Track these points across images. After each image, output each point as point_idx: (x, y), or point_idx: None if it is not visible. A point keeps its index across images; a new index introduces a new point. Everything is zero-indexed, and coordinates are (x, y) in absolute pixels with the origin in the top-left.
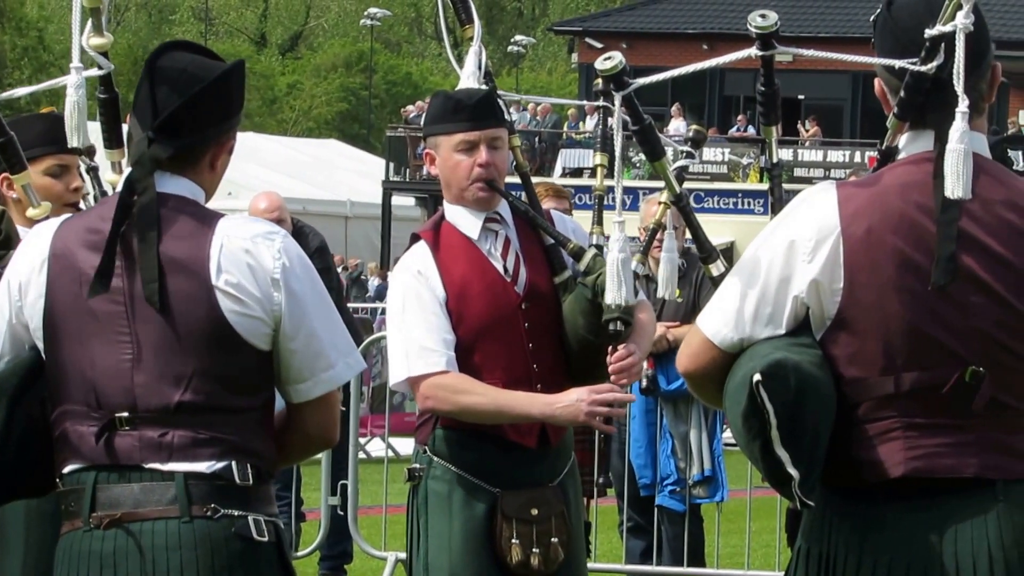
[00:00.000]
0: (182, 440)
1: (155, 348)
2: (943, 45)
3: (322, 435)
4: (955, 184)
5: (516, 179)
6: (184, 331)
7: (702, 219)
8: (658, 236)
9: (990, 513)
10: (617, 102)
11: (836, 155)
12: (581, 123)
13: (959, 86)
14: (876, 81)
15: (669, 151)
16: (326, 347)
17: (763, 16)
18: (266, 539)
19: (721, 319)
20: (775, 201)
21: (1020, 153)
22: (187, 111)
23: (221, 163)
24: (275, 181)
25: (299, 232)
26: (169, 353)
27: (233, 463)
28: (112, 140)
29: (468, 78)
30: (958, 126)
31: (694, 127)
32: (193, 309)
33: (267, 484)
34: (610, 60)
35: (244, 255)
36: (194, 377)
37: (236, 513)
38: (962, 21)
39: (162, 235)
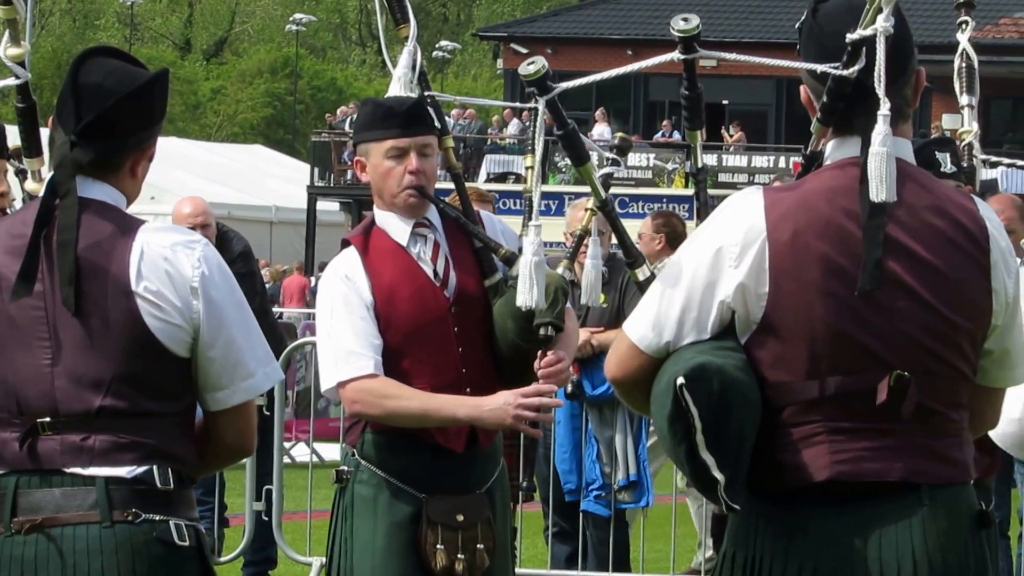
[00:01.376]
0: (103, 444)
1: (75, 353)
2: (865, 49)
3: (239, 444)
4: (879, 187)
5: (447, 184)
6: (104, 336)
7: (627, 224)
8: (585, 242)
9: (915, 518)
10: (540, 106)
11: (760, 160)
12: (504, 129)
13: (880, 90)
14: (802, 87)
15: (594, 156)
16: (245, 356)
17: (685, 20)
18: (187, 543)
19: (647, 325)
20: (700, 206)
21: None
22: (109, 117)
23: (142, 169)
24: (200, 186)
25: (223, 237)
26: (89, 358)
27: (154, 467)
28: (31, 148)
29: (400, 79)
30: (880, 129)
31: (620, 135)
32: (113, 314)
33: (188, 489)
34: (533, 64)
35: (163, 263)
36: (114, 382)
37: (157, 518)
38: (882, 25)
39: (82, 240)
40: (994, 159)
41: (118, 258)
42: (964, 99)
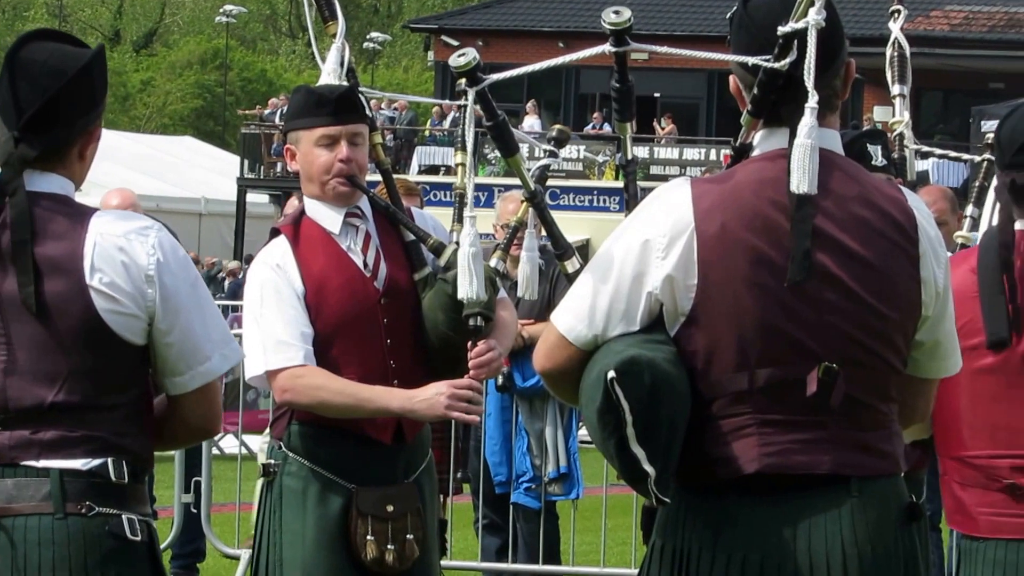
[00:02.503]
0: (53, 437)
1: (28, 349)
2: (796, 42)
3: (203, 426)
4: (801, 179)
5: (376, 176)
6: (58, 332)
7: (558, 216)
8: (519, 233)
9: (844, 510)
10: (470, 98)
11: (692, 153)
12: (444, 121)
13: (809, 82)
14: (731, 78)
15: (525, 148)
16: (201, 340)
17: (616, 13)
18: (139, 538)
19: (576, 316)
20: (629, 198)
21: (879, 148)
22: (52, 108)
23: (90, 152)
24: (129, 178)
25: None
26: (43, 354)
27: (109, 460)
28: None
29: (330, 75)
30: (806, 121)
31: (557, 127)
32: (68, 309)
33: (142, 483)
34: (464, 56)
35: (118, 253)
36: (68, 377)
37: (110, 511)
38: (814, 17)
39: (36, 236)
40: (925, 149)
41: (72, 253)
42: (896, 88)
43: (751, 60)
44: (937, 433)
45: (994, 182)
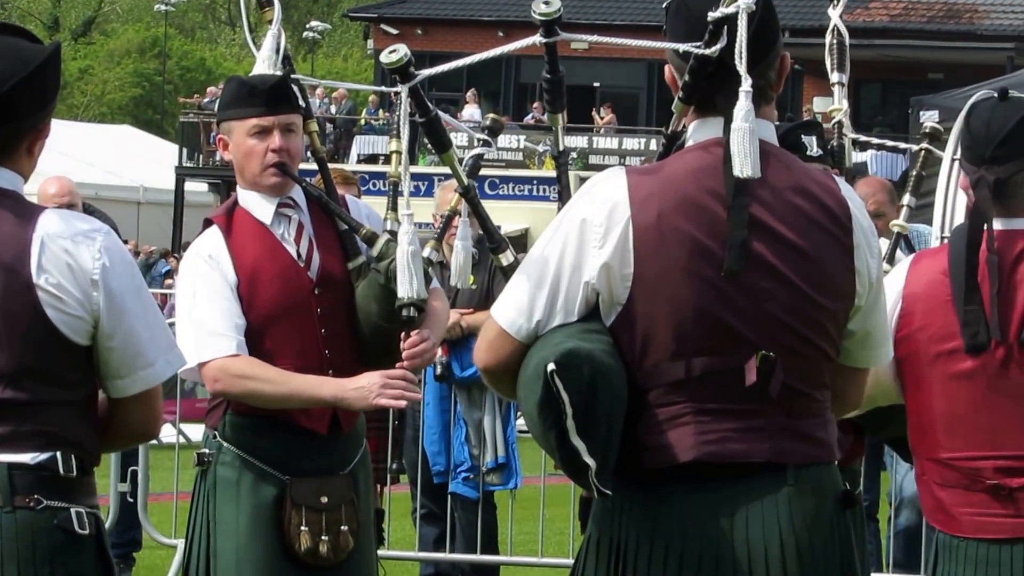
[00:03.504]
0: (3, 433)
1: None
2: (727, 27)
3: (143, 430)
4: (743, 163)
5: (312, 165)
6: (5, 330)
7: (497, 206)
8: (453, 223)
9: (781, 498)
10: (403, 94)
11: (631, 143)
12: (381, 111)
13: (741, 67)
14: (667, 67)
15: (463, 137)
16: (145, 345)
17: (546, 3)
18: (87, 532)
19: (516, 310)
20: (562, 189)
21: (814, 139)
22: (5, 104)
23: (38, 148)
24: (66, 166)
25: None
26: None
27: (58, 454)
28: None
29: (265, 61)
30: (742, 105)
31: (491, 116)
32: (14, 307)
33: (90, 476)
34: (395, 52)
35: (64, 255)
36: (16, 375)
37: (59, 505)
38: (744, 2)
39: None
40: (863, 138)
41: (19, 252)
42: (835, 76)
43: (682, 47)
44: (913, 435)
45: (953, 177)
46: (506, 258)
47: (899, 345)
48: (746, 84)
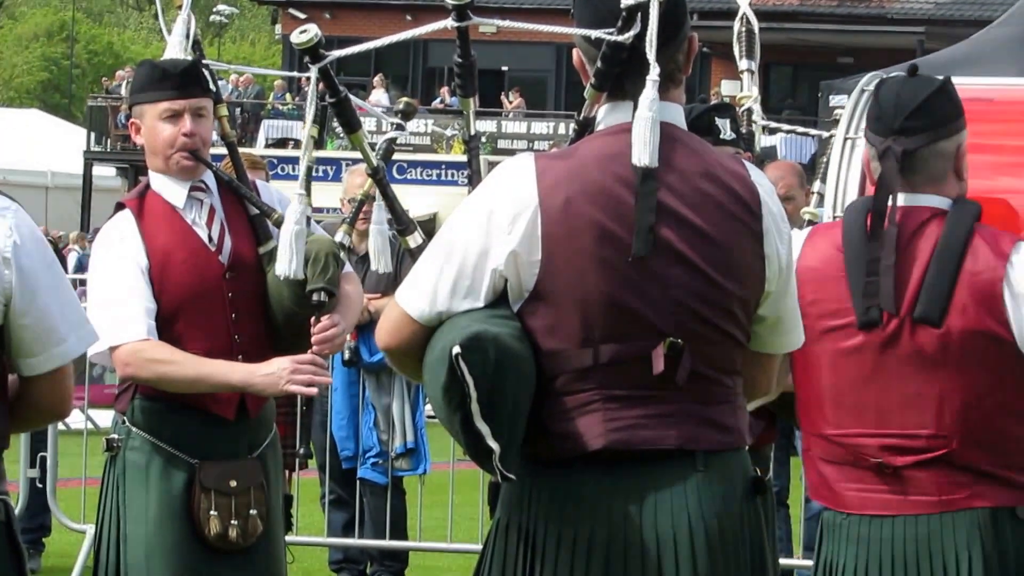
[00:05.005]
0: None
1: None
2: (639, 14)
3: (54, 409)
4: (642, 151)
5: (222, 149)
6: None
7: (406, 190)
8: (365, 208)
9: (690, 484)
10: (312, 75)
11: (540, 127)
12: (288, 95)
13: (651, 55)
14: (575, 52)
15: (372, 122)
16: (57, 322)
17: None
18: None
19: (419, 293)
20: (472, 173)
21: (727, 122)
22: None
23: None
24: None
25: None
26: None
27: None
28: None
29: (176, 46)
30: (648, 94)
31: (404, 99)
32: None
33: (0, 460)
34: (305, 33)
35: None
36: None
37: None
38: None
39: None
40: (773, 124)
41: None
42: (744, 64)
43: (594, 33)
44: (801, 411)
45: (846, 156)
46: (413, 240)
47: None
48: (654, 73)
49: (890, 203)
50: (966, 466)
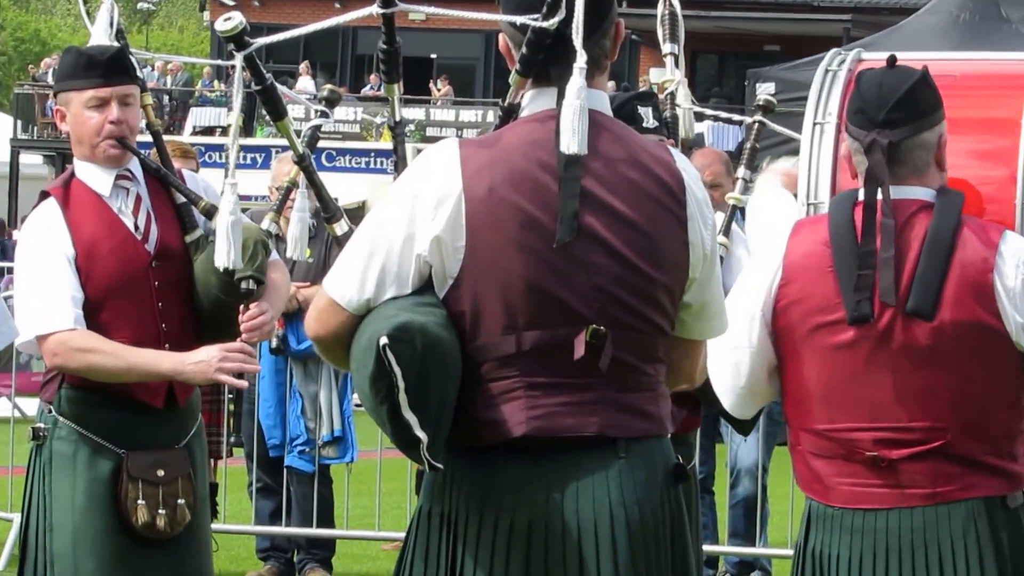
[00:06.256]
0: None
1: None
2: (565, 1)
3: None
4: (571, 139)
5: (147, 137)
6: None
7: (334, 178)
8: (292, 195)
9: (612, 472)
10: (238, 63)
11: (468, 114)
12: (216, 82)
13: (578, 41)
14: (501, 37)
15: (300, 110)
16: None
17: None
18: None
19: (346, 281)
20: (398, 160)
21: (650, 110)
22: None
23: None
24: None
25: None
26: None
27: None
28: None
29: (99, 35)
30: (575, 82)
31: (328, 87)
32: None
33: None
34: (230, 21)
35: None
36: None
37: None
38: None
39: None
40: (698, 109)
41: None
42: (667, 47)
43: (519, 19)
44: (789, 406)
45: (816, 144)
46: (340, 227)
47: (778, 316)
48: (581, 60)
49: (880, 196)
50: (960, 457)
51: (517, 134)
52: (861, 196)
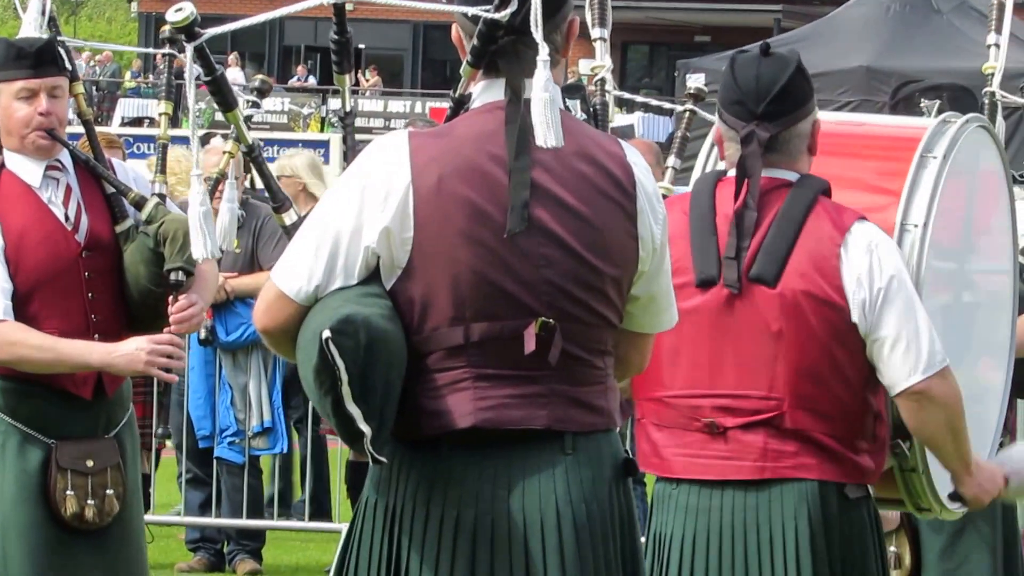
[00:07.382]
0: None
1: None
2: None
3: None
4: (547, 133)
5: (78, 128)
6: None
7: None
8: (220, 186)
9: (558, 467)
10: (189, 53)
11: (396, 105)
12: (146, 74)
13: (538, 34)
14: (453, 26)
15: (240, 101)
16: None
17: None
18: None
19: (294, 272)
20: (347, 150)
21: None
22: None
23: None
24: None
25: None
26: None
27: None
28: None
29: (31, 24)
30: (541, 75)
31: (260, 77)
32: None
33: None
34: (181, 12)
35: None
36: None
37: None
38: None
39: None
40: (627, 96)
41: None
42: (596, 32)
43: (471, 10)
44: (636, 376)
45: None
46: (289, 217)
47: None
48: (543, 53)
49: (746, 184)
50: (794, 432)
51: (467, 125)
52: (730, 174)
